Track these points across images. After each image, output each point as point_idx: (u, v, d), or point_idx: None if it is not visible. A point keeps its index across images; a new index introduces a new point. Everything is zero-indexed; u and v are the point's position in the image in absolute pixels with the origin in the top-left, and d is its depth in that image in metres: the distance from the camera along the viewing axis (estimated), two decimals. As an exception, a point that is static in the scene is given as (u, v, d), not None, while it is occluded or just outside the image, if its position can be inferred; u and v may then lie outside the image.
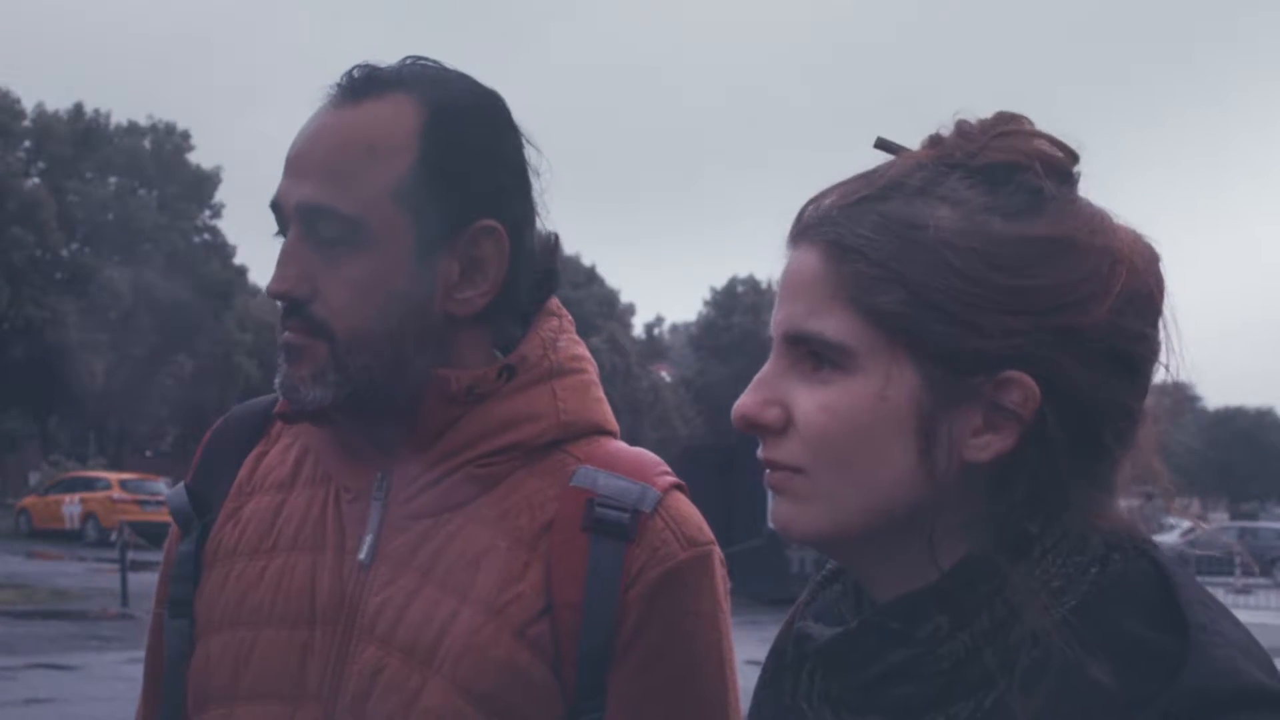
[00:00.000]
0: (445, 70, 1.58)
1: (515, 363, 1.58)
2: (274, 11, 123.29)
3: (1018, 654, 1.05)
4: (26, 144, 48.12)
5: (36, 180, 46.89)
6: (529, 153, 1.58)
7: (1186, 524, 1.35)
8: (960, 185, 1.10)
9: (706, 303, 61.61)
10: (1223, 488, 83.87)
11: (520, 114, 1.60)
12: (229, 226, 63.21)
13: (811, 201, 1.15)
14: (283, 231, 1.53)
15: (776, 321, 1.14)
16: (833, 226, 1.11)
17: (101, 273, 45.65)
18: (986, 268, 1.06)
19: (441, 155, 1.51)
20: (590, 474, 1.55)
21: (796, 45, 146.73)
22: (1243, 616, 1.08)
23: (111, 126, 50.66)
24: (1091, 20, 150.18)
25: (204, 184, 51.28)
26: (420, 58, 1.58)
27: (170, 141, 50.68)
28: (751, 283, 59.34)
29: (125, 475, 37.32)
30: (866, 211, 1.10)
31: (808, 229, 1.13)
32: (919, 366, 1.07)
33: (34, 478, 40.73)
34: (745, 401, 1.13)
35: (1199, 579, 1.19)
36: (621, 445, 1.62)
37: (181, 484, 1.74)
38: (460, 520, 1.54)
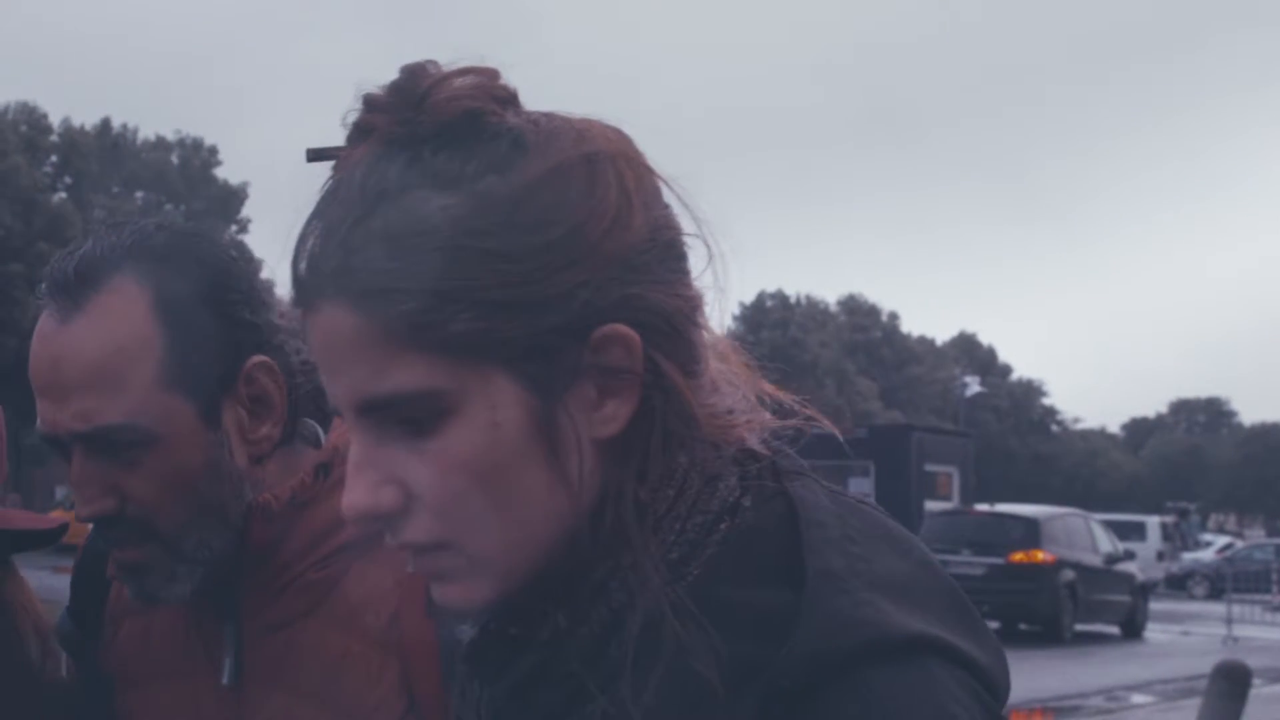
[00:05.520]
0: (143, 226, 1.54)
1: (328, 460, 1.57)
2: (302, 28, 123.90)
3: (634, 644, 0.97)
4: (53, 159, 48.31)
5: (63, 195, 47.00)
6: (245, 265, 1.55)
7: (1224, 540, 1.03)
8: (436, 162, 0.97)
9: (735, 317, 61.16)
10: (1259, 503, 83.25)
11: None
12: (256, 241, 63.12)
13: (297, 252, 1.00)
14: (63, 457, 1.49)
15: (338, 396, 0.99)
16: (344, 275, 0.96)
17: (128, 288, 45.16)
18: (518, 235, 0.95)
19: (184, 323, 1.48)
20: None
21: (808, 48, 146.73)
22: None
23: (139, 141, 51.22)
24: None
25: (231, 199, 51.62)
26: (113, 222, 1.54)
27: (197, 156, 51.16)
28: (780, 297, 59.26)
29: (150, 490, 36.87)
30: (365, 239, 0.96)
31: (315, 285, 0.98)
32: (513, 373, 0.96)
33: (60, 492, 40.80)
34: (353, 494, 0.99)
35: (1235, 594, 0.88)
36: None
37: (64, 611, 1.74)
38: (315, 626, 1.55)
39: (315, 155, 1.06)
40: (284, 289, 1.57)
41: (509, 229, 0.96)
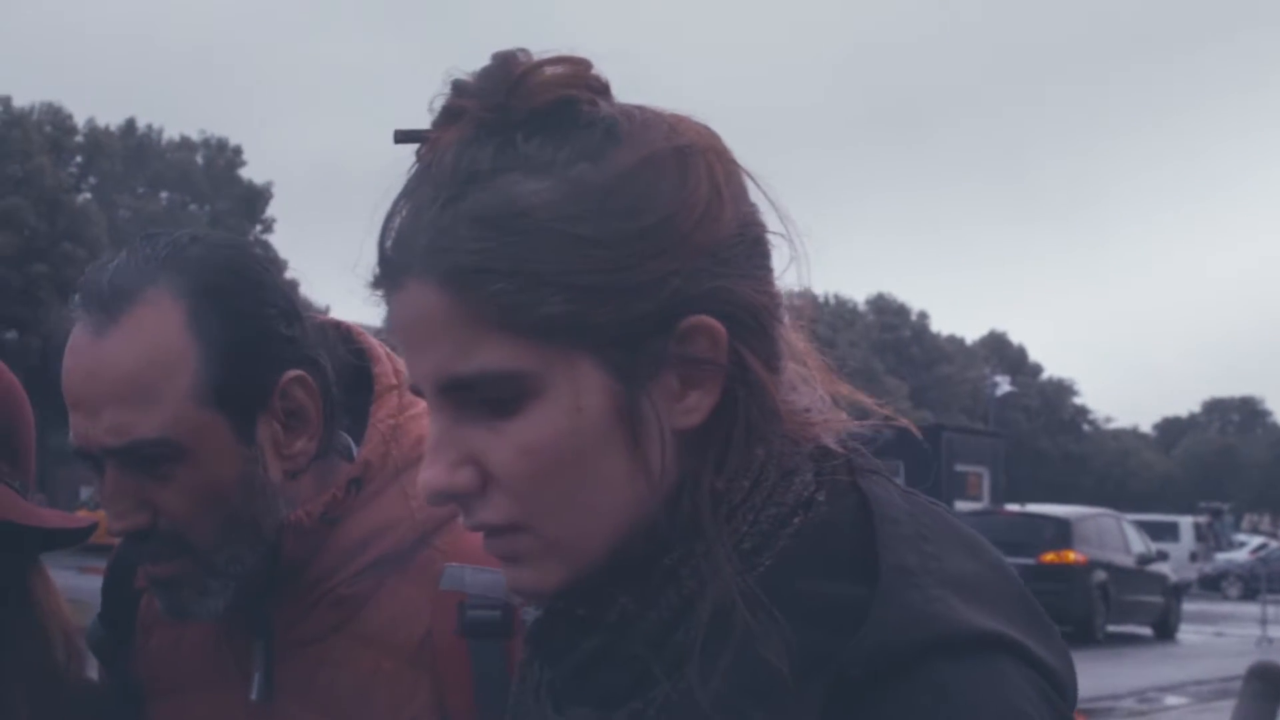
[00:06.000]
0: (179, 238, 1.51)
1: (359, 474, 1.55)
2: (326, 27, 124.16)
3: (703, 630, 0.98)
4: (78, 159, 48.59)
5: (88, 196, 47.25)
6: (279, 276, 1.54)
7: (1257, 540, 0.91)
8: (529, 147, 0.98)
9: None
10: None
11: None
12: (280, 241, 63.25)
13: (384, 231, 1.01)
14: (95, 469, 1.47)
15: (421, 374, 1.01)
16: (433, 254, 0.98)
17: (153, 288, 45.37)
18: (611, 222, 0.97)
19: (220, 335, 1.46)
20: (458, 573, 1.53)
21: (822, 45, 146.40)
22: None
23: (163, 142, 51.58)
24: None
25: (255, 199, 51.86)
26: (148, 233, 1.52)
27: (222, 157, 51.47)
28: (808, 296, 58.73)
29: (174, 490, 36.95)
30: (456, 219, 0.97)
31: (402, 263, 0.99)
32: (598, 359, 0.97)
33: (85, 492, 40.92)
34: (430, 473, 1.00)
35: (1269, 595, 0.83)
36: None
37: (95, 618, 1.72)
38: (344, 643, 1.54)
39: (403, 137, 1.05)
40: (309, 289, 1.63)
41: (601, 215, 0.96)
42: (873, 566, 0.96)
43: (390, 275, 1.01)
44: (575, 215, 0.96)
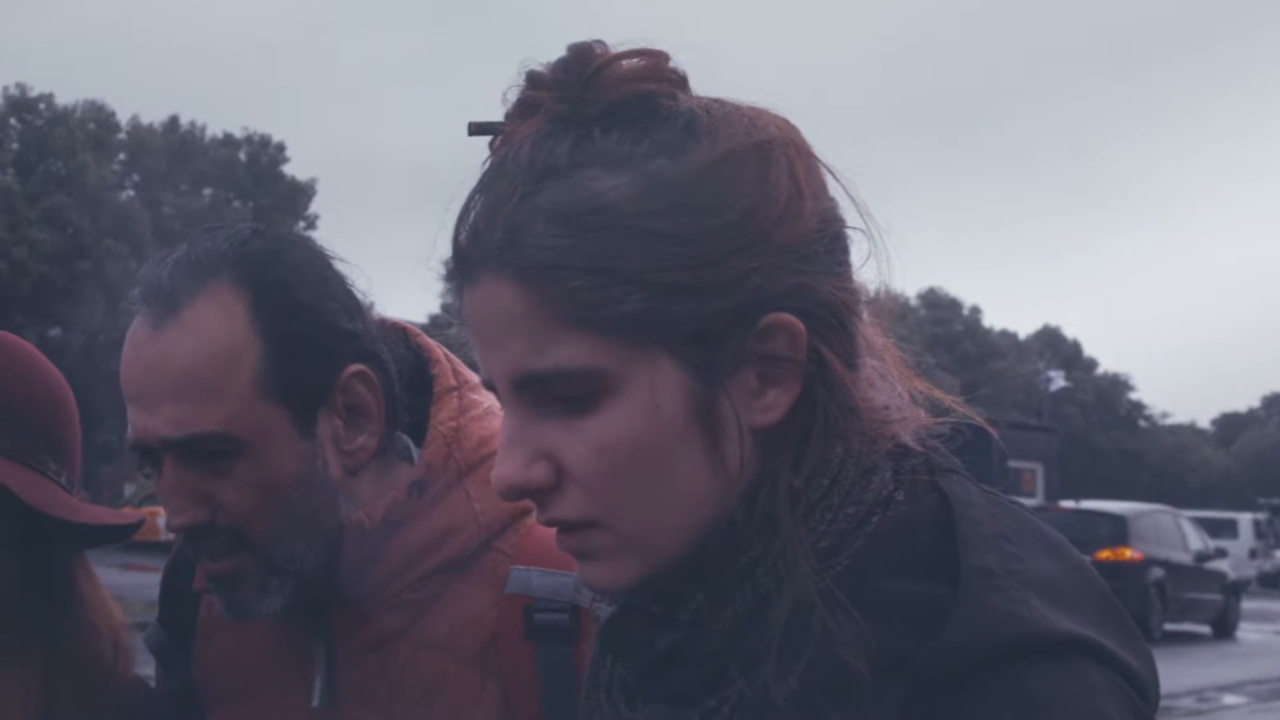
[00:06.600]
0: (239, 231, 1.50)
1: (423, 476, 1.53)
2: (368, 23, 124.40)
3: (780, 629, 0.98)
4: (121, 157, 48.73)
5: (131, 193, 47.43)
6: (341, 267, 1.53)
7: None
8: (607, 142, 0.98)
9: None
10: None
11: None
12: (323, 238, 63.32)
13: (459, 225, 1.01)
14: (152, 465, 1.47)
15: (496, 370, 1.01)
16: (509, 249, 0.97)
17: (197, 285, 45.58)
18: (690, 219, 0.96)
19: (282, 329, 1.46)
20: (523, 576, 1.53)
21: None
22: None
23: (206, 138, 51.56)
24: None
25: (298, 195, 51.86)
26: (211, 226, 1.52)
27: (265, 153, 51.49)
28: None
29: (217, 488, 37.07)
30: (532, 214, 0.97)
31: (477, 258, 0.99)
32: (676, 356, 0.97)
33: (129, 489, 41.06)
34: (504, 468, 1.00)
35: None
36: (549, 530, 1.30)
37: (155, 621, 1.72)
38: (408, 648, 1.52)
39: (477, 129, 1.04)
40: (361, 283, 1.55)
41: (681, 212, 0.96)
42: (953, 567, 0.95)
43: (465, 270, 1.00)
44: (654, 211, 0.95)
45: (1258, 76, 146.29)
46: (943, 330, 74.79)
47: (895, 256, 1.05)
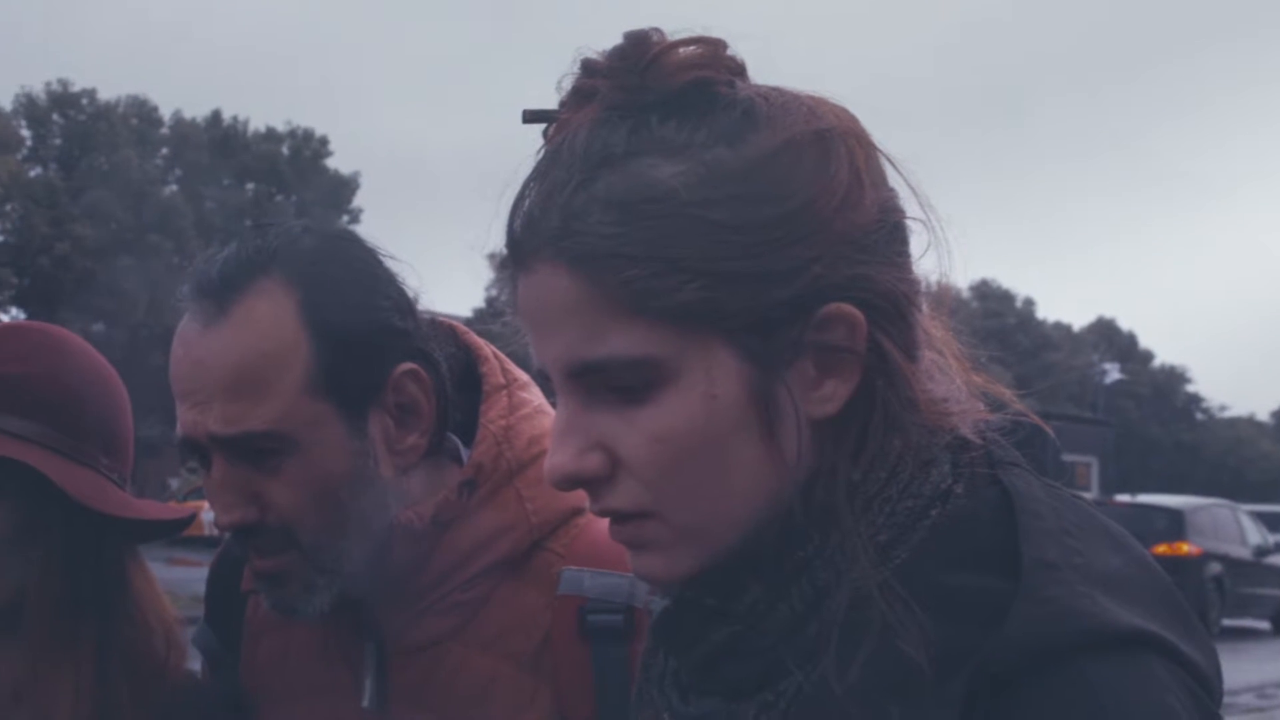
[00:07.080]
0: (290, 229, 1.50)
1: (473, 475, 1.52)
2: (412, 16, 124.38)
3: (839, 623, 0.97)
4: (164, 151, 49.12)
5: (174, 187, 47.69)
6: (391, 264, 1.51)
7: None
8: (664, 130, 0.97)
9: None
10: None
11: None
12: (367, 232, 63.33)
13: (513, 213, 1.00)
14: (201, 463, 1.47)
15: (550, 358, 1.00)
16: (565, 237, 0.96)
17: (241, 280, 45.76)
18: (749, 207, 0.95)
19: (332, 327, 1.45)
20: (576, 576, 1.51)
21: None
22: None
23: (249, 133, 51.80)
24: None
25: (342, 189, 52.05)
26: (262, 223, 1.51)
27: (308, 147, 51.65)
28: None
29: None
30: (588, 202, 0.96)
31: (532, 246, 0.98)
32: (734, 346, 0.96)
33: (174, 484, 41.06)
34: (557, 458, 1.00)
35: None
36: (601, 529, 1.29)
37: (203, 622, 1.72)
38: (459, 649, 1.51)
39: (532, 117, 1.04)
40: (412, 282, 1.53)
41: (740, 200, 0.95)
42: (1014, 561, 0.94)
43: (519, 258, 0.99)
44: (712, 200, 0.94)
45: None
46: (995, 323, 73.97)
47: (955, 248, 1.03)
